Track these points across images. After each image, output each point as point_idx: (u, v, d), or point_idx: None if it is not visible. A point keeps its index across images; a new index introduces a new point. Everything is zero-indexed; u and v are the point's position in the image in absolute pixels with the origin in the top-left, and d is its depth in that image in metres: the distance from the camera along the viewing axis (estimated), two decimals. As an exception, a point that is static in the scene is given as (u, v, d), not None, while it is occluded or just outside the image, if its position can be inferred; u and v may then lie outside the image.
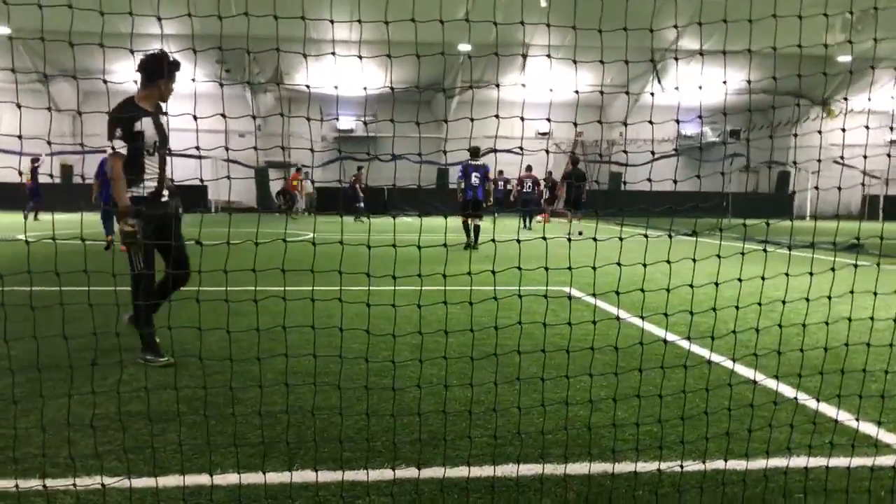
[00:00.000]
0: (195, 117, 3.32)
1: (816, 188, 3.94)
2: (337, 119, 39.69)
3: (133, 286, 5.43)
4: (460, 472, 3.39)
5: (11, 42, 30.89)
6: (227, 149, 3.20)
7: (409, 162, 31.93)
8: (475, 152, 16.39)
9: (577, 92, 4.23)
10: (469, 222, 15.82)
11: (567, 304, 3.95)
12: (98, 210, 14.04)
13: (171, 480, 3.26)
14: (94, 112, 3.66)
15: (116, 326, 3.55)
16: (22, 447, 3.59)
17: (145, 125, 5.38)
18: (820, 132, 4.67)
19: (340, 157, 37.37)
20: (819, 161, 3.84)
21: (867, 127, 4.17)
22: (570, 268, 3.50)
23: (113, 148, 5.23)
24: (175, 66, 5.44)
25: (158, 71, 5.44)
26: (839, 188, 4.01)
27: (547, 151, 4.48)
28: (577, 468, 3.49)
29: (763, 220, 3.90)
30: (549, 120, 4.08)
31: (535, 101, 36.70)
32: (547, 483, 3.33)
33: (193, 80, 3.76)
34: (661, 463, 3.51)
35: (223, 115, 3.20)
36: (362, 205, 29.24)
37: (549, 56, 4.40)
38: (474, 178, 15.99)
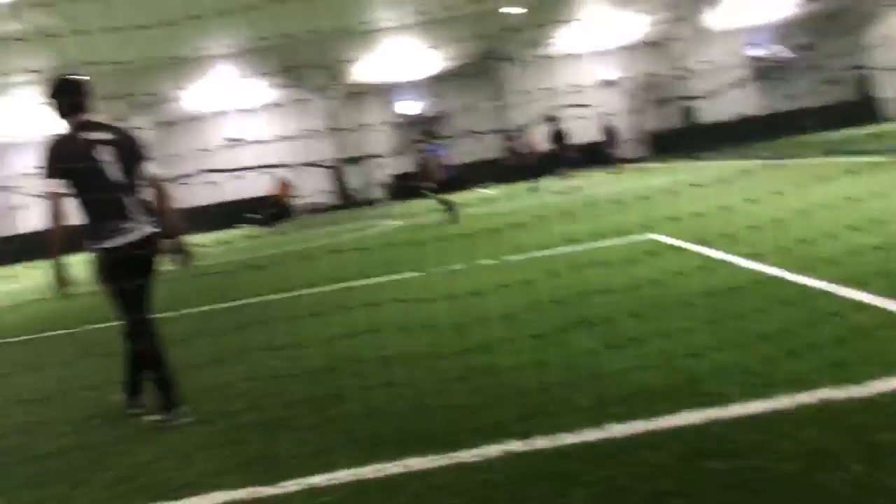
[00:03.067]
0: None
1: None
2: (404, 105, 39.86)
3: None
4: (570, 439, 3.38)
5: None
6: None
7: (478, 134, 31.76)
8: (430, 135, 17.13)
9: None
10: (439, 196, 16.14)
11: (653, 251, 3.87)
12: None
13: (293, 486, 3.37)
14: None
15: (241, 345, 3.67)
16: (146, 475, 3.78)
17: None
18: None
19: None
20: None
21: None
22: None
23: None
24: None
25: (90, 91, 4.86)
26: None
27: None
28: (688, 417, 3.43)
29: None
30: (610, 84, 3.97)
31: (593, 50, 35.96)
32: (658, 438, 3.29)
33: (256, 96, 3.80)
34: (773, 401, 3.42)
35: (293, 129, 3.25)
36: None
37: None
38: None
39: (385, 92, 37.77)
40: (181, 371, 4.36)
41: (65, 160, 4.51)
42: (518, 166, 27.98)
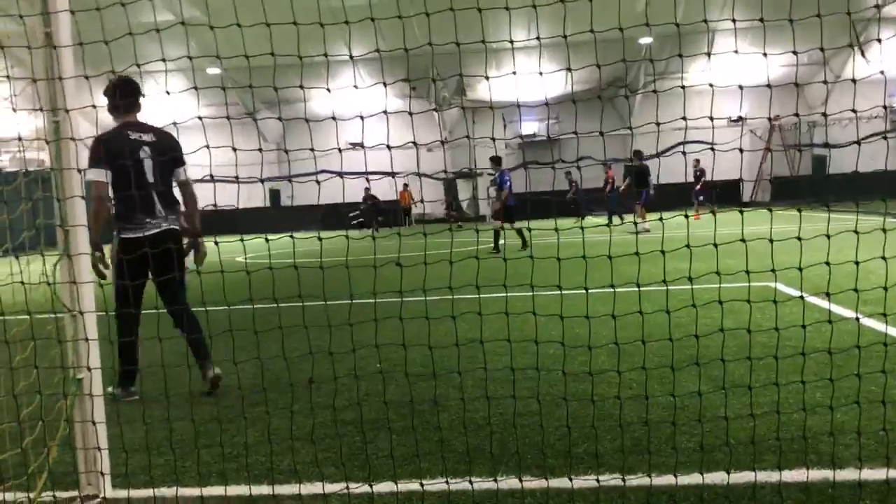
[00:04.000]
0: (388, 144, 3.49)
1: None
2: (520, 125, 39.98)
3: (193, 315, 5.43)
4: (667, 480, 3.31)
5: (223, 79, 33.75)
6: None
7: (594, 161, 31.51)
8: (499, 161, 16.70)
9: (768, 86, 4.02)
10: (503, 229, 15.96)
11: (771, 302, 3.75)
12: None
13: (384, 487, 3.43)
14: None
15: (330, 344, 3.79)
16: (252, 455, 3.92)
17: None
18: None
19: (525, 163, 37.50)
20: None
21: None
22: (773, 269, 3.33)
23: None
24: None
25: (140, 95, 5.43)
26: None
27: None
28: (793, 476, 3.30)
29: None
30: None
31: (723, 86, 35.05)
32: (760, 492, 3.18)
33: (385, 112, 3.93)
34: (888, 470, 3.25)
35: (414, 144, 3.35)
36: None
37: (736, 51, 4.21)
38: (512, 186, 16.54)
39: (504, 111, 37.95)
40: (300, 359, 4.52)
41: (110, 154, 5.05)
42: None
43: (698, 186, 27.67)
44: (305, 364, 5.11)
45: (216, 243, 3.58)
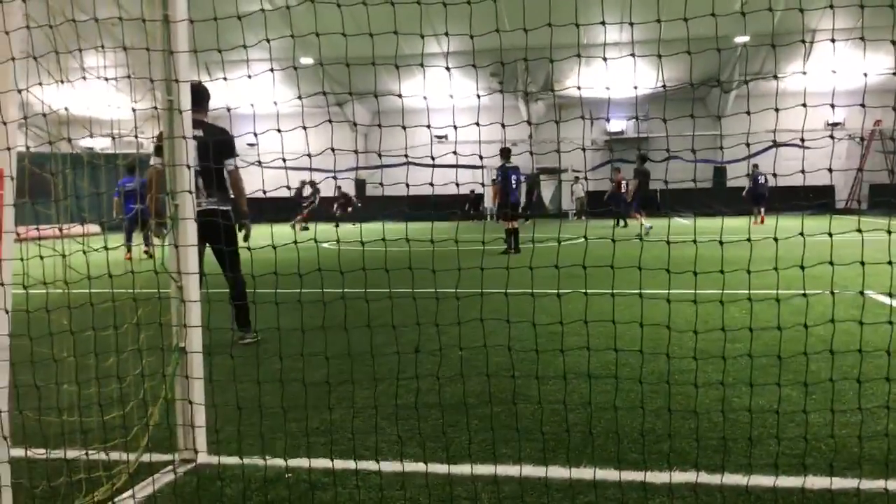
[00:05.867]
0: (478, 124, 3.57)
1: None
2: (608, 121, 39.47)
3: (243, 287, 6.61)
4: (757, 480, 3.31)
5: (321, 69, 34.51)
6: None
7: (683, 161, 30.91)
8: (507, 154, 16.05)
9: (865, 75, 3.92)
10: (510, 226, 15.56)
11: (859, 305, 3.69)
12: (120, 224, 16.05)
13: (462, 469, 3.54)
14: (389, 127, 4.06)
15: (417, 324, 3.91)
16: (337, 432, 4.09)
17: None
18: None
19: (612, 159, 37.07)
20: None
21: None
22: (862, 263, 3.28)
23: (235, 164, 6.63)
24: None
25: (207, 98, 6.57)
26: None
27: (832, 137, 4.20)
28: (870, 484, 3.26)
29: None
30: (832, 105, 3.84)
31: (820, 90, 33.82)
32: (839, 498, 3.15)
33: (478, 95, 4.01)
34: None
35: (502, 125, 3.42)
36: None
37: (833, 41, 4.13)
38: (513, 181, 15.87)
39: (593, 107, 37.56)
40: (383, 344, 4.68)
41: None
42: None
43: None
44: (389, 347, 5.26)
45: (336, 225, 3.73)
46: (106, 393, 3.73)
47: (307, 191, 29.89)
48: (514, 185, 16.10)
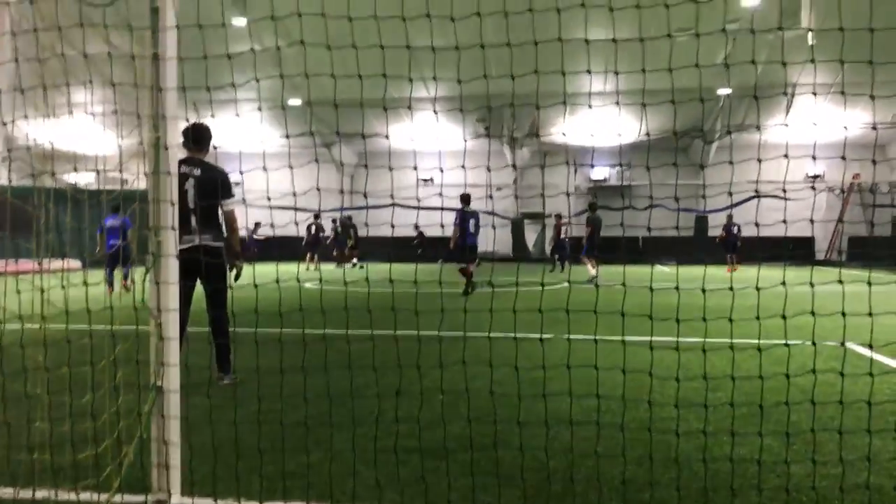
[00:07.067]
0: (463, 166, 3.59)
1: None
2: (592, 166, 39.83)
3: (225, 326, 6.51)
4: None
5: (308, 110, 34.71)
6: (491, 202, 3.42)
7: (665, 209, 31.19)
8: (466, 199, 16.53)
9: (845, 128, 3.99)
10: (468, 269, 16.05)
11: (839, 357, 3.70)
12: (103, 261, 16.13)
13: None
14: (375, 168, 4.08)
15: (399, 367, 3.88)
16: (314, 475, 4.02)
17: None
18: None
19: (588, 206, 37.42)
20: None
21: None
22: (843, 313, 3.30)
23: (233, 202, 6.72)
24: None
25: (208, 139, 6.76)
26: None
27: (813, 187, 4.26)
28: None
29: None
30: (814, 157, 3.90)
31: (801, 142, 34.37)
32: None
33: (465, 140, 4.05)
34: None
35: (488, 170, 3.43)
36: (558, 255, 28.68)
37: (814, 94, 4.21)
38: (471, 225, 16.40)
39: (577, 154, 37.93)
40: (365, 387, 4.62)
41: None
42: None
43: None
44: (370, 389, 5.21)
45: (317, 269, 3.72)
46: (80, 431, 3.65)
47: (327, 229, 30.04)
48: (471, 230, 16.53)
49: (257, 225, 30.29)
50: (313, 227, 29.65)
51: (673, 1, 3.28)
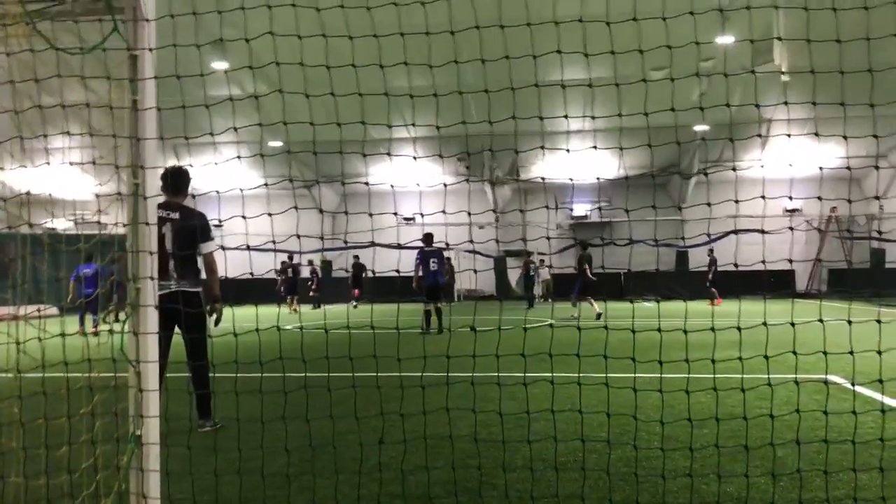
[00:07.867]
0: (444, 212, 3.60)
1: None
2: (571, 209, 40.11)
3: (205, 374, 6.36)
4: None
5: (289, 155, 34.79)
6: (472, 241, 3.43)
7: (646, 246, 31.38)
8: (429, 239, 16.81)
9: (821, 168, 4.04)
10: (430, 309, 16.27)
11: (823, 392, 3.70)
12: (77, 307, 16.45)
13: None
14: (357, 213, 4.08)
15: (381, 410, 3.84)
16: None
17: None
18: None
19: (576, 243, 37.61)
20: None
21: None
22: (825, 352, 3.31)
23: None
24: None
25: (187, 183, 6.78)
26: None
27: (791, 229, 4.30)
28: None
29: None
30: (790, 198, 3.94)
31: (778, 176, 34.82)
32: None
33: (445, 185, 4.07)
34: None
35: (468, 214, 3.44)
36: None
37: (788, 135, 4.28)
38: (432, 264, 16.53)
39: (557, 192, 38.18)
40: (347, 430, 4.55)
41: None
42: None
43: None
44: (352, 436, 5.15)
45: (296, 311, 3.69)
46: (56, 485, 3.57)
47: (306, 271, 29.72)
48: (432, 269, 16.62)
49: (285, 266, 29.67)
50: (289, 270, 29.32)
51: (647, 46, 3.34)
